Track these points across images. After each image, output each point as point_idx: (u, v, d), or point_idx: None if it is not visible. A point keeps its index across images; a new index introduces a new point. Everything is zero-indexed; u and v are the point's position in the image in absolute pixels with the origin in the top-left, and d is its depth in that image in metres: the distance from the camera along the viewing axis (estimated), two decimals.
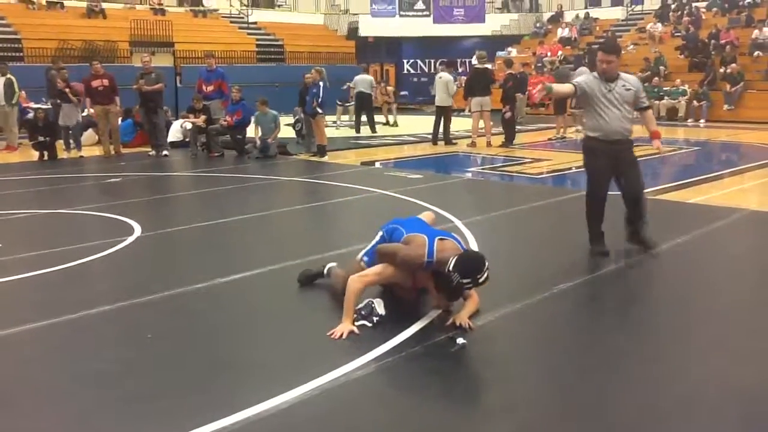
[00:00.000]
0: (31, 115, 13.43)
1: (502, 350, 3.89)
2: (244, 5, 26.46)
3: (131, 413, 3.14)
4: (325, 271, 4.89)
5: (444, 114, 14.09)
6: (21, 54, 18.85)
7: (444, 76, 14.29)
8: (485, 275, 3.96)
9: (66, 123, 13.26)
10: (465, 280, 3.92)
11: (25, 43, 19.23)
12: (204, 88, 13.52)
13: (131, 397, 3.30)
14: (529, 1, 30.43)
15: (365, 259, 4.53)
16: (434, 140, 14.09)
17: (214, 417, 3.01)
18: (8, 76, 13.95)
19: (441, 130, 14.04)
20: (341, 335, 3.91)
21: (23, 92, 14.75)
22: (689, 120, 18.53)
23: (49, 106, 13.97)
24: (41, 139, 12.55)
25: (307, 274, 4.96)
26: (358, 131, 16.59)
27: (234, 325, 4.28)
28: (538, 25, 28.55)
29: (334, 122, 17.81)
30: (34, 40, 19.16)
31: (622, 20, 27.33)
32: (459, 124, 14.39)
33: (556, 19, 28.34)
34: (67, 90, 13.11)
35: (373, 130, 16.59)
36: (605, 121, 5.40)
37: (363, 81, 16.95)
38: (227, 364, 3.68)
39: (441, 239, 4.16)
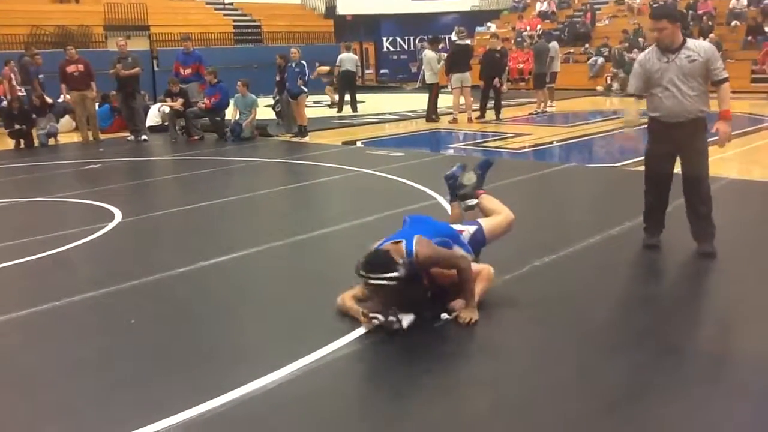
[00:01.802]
0: (5, 103, 13.21)
1: (484, 326, 3.88)
2: None
3: (115, 400, 3.13)
4: None
5: (429, 91, 14.09)
6: None
7: (427, 54, 14.26)
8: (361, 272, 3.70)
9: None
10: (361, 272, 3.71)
11: None
12: (181, 71, 13.36)
13: (115, 383, 3.28)
14: None
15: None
16: (429, 118, 14.09)
17: (199, 401, 3.00)
18: None
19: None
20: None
21: None
22: None
23: (24, 94, 13.75)
24: (17, 127, 12.35)
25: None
26: (340, 110, 16.49)
27: (217, 309, 4.26)
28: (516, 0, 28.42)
29: (331, 105, 17.61)
30: (5, 26, 18.77)
31: None
32: (442, 101, 14.36)
33: None
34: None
35: (355, 109, 16.50)
36: (659, 100, 4.72)
37: (349, 60, 16.82)
38: (211, 347, 3.67)
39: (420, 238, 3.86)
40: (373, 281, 3.64)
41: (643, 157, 5.20)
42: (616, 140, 11.14)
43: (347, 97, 16.70)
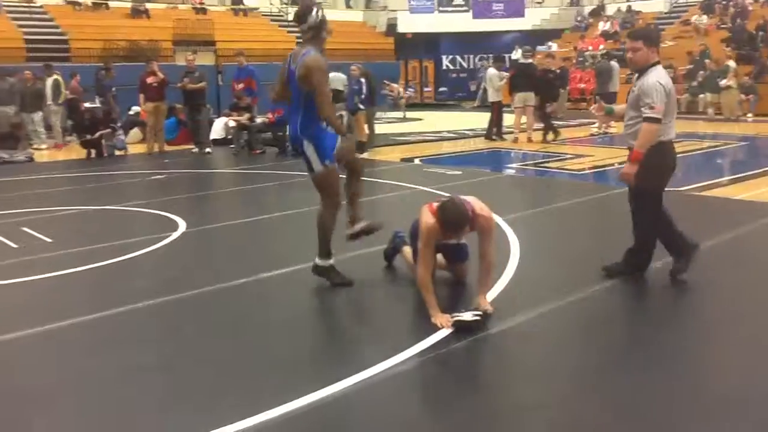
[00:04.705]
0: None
1: (541, 348, 3.87)
2: (284, 3, 26.66)
3: (172, 407, 3.22)
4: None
5: (492, 110, 14.11)
6: (68, 54, 19.30)
7: (490, 72, 14.30)
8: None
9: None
10: None
11: (72, 43, 19.68)
12: (235, 86, 13.76)
13: (173, 390, 3.38)
14: None
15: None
16: (488, 136, 14.08)
17: (254, 411, 3.05)
18: (55, 76, 14.36)
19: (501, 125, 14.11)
20: (441, 326, 3.95)
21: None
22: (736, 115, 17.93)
23: (98, 105, 14.33)
24: (89, 137, 12.86)
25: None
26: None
27: (275, 321, 4.35)
28: (578, 18, 28.17)
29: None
30: (80, 41, 19.61)
31: (666, 13, 26.79)
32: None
33: (597, 12, 27.92)
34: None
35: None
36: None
37: (337, 79, 16.86)
38: (268, 359, 3.74)
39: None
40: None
41: (707, 182, 5.08)
42: (679, 164, 10.88)
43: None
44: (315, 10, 4.69)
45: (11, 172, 11.18)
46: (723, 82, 17.45)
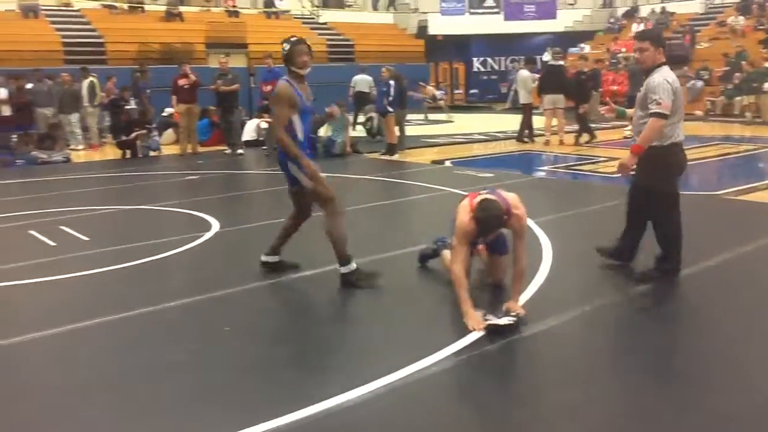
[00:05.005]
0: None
1: (573, 351, 3.85)
2: (315, 6, 26.82)
3: (203, 404, 3.26)
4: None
5: (523, 111, 14.04)
6: (104, 57, 19.64)
7: (522, 74, 14.23)
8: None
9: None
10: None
11: (108, 46, 20.02)
12: (263, 88, 13.84)
13: (204, 388, 3.42)
14: None
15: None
16: (520, 138, 14.02)
17: (285, 411, 3.08)
18: (90, 79, 14.63)
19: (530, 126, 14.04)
20: (473, 329, 3.96)
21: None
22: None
23: (134, 107, 14.56)
24: (124, 138, 13.08)
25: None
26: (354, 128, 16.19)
27: (308, 321, 4.39)
28: (611, 20, 27.86)
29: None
30: (116, 43, 19.94)
31: (701, 14, 26.38)
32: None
33: (631, 14, 27.59)
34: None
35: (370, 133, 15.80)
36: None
37: (362, 81, 16.90)
38: (300, 358, 3.78)
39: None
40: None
41: (744, 186, 5.02)
42: (714, 167, 10.73)
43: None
44: (285, 45, 4.92)
45: (49, 172, 11.42)
46: (766, 86, 17.10)
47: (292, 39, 4.97)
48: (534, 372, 3.63)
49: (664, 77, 4.56)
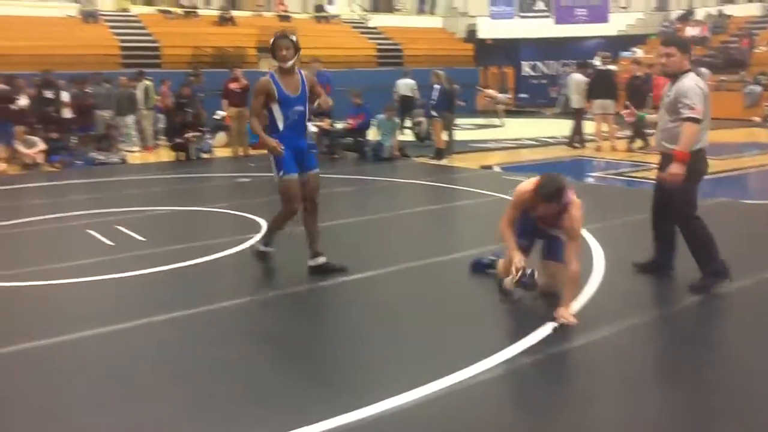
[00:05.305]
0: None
1: (624, 362, 3.78)
2: (365, 10, 26.98)
3: (249, 402, 3.32)
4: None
5: (575, 116, 13.92)
6: (159, 61, 20.12)
7: (575, 78, 14.08)
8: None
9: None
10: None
11: (163, 50, 20.51)
12: None
13: (252, 387, 3.49)
14: None
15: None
16: (571, 143, 13.89)
17: (331, 414, 3.11)
18: (145, 82, 15.02)
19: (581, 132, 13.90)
20: (517, 271, 4.29)
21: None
22: None
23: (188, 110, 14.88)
24: (178, 140, 13.37)
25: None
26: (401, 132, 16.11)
27: (356, 324, 4.43)
28: (665, 23, 27.28)
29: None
30: (170, 47, 20.41)
31: (759, 16, 25.62)
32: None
33: (686, 17, 26.98)
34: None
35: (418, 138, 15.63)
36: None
37: (405, 85, 16.79)
38: (348, 362, 3.82)
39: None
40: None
41: None
42: None
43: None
44: (272, 39, 5.23)
45: (106, 173, 11.76)
46: None
47: (277, 34, 5.27)
48: (585, 382, 3.59)
49: (695, 82, 4.61)
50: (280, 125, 5.25)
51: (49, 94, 13.56)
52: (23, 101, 13.15)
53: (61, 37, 19.07)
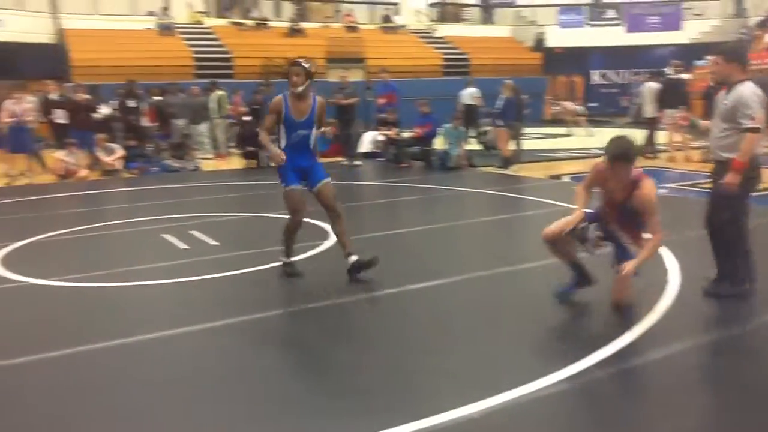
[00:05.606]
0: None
1: (691, 382, 3.69)
2: (432, 20, 27.05)
3: (325, 408, 3.36)
4: None
5: (649, 126, 13.62)
6: (231, 71, 20.67)
7: (650, 86, 13.80)
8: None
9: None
10: None
11: (235, 61, 21.07)
12: (379, 101, 14.17)
13: (328, 392, 3.54)
14: (733, 5, 28.18)
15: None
16: (644, 153, 13.59)
17: (387, 425, 3.11)
18: (218, 92, 15.48)
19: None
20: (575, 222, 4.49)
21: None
22: None
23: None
24: (249, 149, 13.71)
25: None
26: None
27: (418, 334, 4.43)
28: (743, 30, 26.36)
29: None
30: (242, 59, 20.94)
31: None
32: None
33: (765, 23, 25.99)
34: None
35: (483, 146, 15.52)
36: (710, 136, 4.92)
37: (467, 94, 16.60)
38: (407, 372, 3.80)
39: None
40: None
41: None
42: None
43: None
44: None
45: (181, 180, 12.16)
46: None
47: (291, 61, 5.66)
48: (651, 401, 3.49)
49: (752, 91, 4.54)
50: (282, 143, 5.58)
51: (132, 103, 14.16)
52: (105, 110, 13.75)
53: (139, 49, 19.84)
